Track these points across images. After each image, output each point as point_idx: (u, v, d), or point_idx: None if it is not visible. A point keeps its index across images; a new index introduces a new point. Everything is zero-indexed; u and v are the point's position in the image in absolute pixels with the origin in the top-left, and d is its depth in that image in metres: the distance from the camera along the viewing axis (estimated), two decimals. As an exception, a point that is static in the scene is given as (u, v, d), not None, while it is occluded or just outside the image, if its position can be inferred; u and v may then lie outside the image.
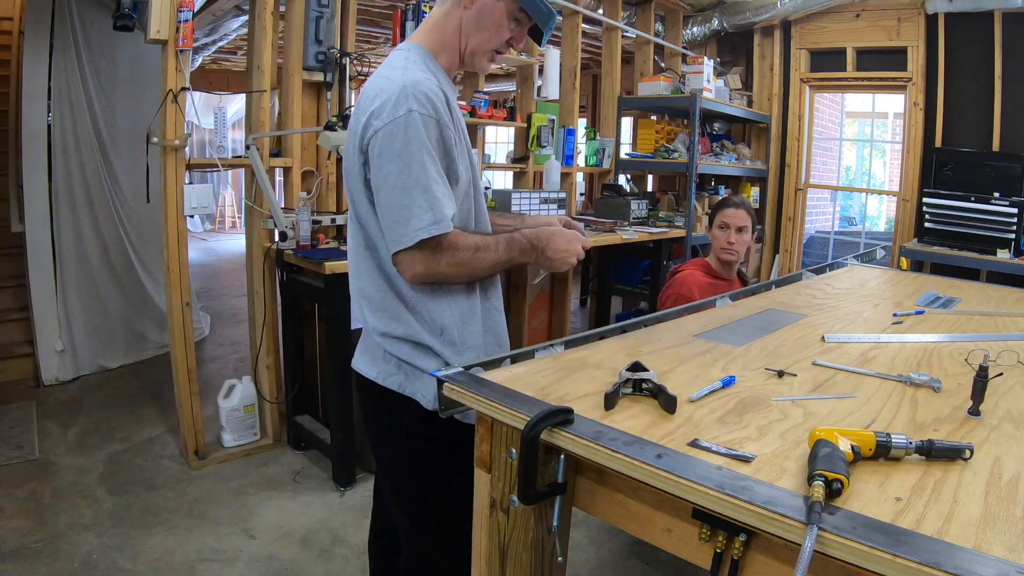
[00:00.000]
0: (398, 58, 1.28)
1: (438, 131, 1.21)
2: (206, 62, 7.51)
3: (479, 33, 1.30)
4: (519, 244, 1.30)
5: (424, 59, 1.30)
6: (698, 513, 0.82)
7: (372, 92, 1.23)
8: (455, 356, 1.31)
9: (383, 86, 1.21)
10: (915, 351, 1.35)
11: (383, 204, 1.21)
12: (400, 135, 1.17)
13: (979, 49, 4.22)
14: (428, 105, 1.19)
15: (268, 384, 3.01)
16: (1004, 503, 0.73)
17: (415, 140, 1.17)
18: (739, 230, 2.42)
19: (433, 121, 1.20)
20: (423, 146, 1.18)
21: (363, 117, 1.22)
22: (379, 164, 1.20)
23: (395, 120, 1.17)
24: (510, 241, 1.30)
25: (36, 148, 3.60)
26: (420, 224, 1.17)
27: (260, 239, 2.92)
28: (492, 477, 1.03)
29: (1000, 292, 2.09)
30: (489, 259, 1.27)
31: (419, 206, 1.17)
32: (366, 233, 1.31)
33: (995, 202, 3.96)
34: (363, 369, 1.39)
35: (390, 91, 1.19)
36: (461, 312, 1.33)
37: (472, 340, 1.34)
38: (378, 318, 1.32)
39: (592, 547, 2.37)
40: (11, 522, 2.33)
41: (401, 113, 1.17)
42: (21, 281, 3.77)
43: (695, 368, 1.19)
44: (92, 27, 3.70)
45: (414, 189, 1.17)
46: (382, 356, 1.35)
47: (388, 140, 1.18)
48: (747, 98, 5.10)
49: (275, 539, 2.34)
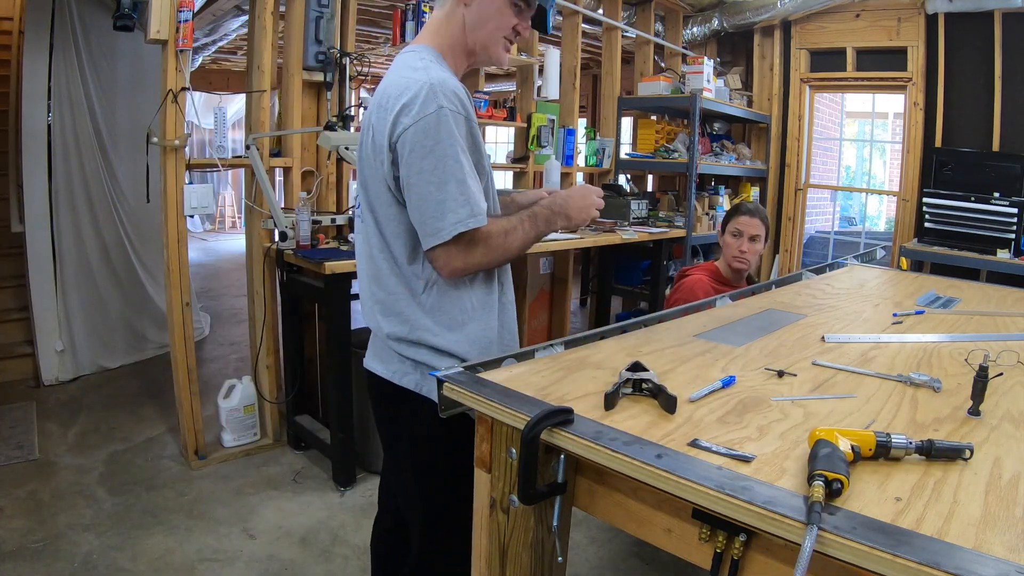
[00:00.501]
0: (413, 58, 1.28)
1: (467, 127, 1.22)
2: (206, 62, 7.52)
3: (484, 25, 1.31)
4: (543, 216, 1.33)
5: (437, 59, 1.31)
6: (698, 513, 0.82)
7: (396, 90, 1.22)
8: (472, 352, 1.31)
9: (408, 84, 1.21)
10: (915, 351, 1.35)
11: (417, 199, 1.21)
12: (433, 131, 1.18)
13: (979, 49, 4.22)
14: (457, 102, 1.20)
15: (268, 384, 3.01)
16: (1004, 503, 0.73)
17: (448, 136, 1.18)
18: (752, 239, 2.38)
19: (463, 118, 1.21)
20: (456, 141, 1.19)
21: (389, 115, 1.21)
22: (411, 160, 1.20)
23: (426, 117, 1.18)
24: (533, 216, 1.33)
25: (36, 148, 3.60)
26: (457, 218, 1.19)
27: (260, 239, 2.92)
28: (492, 477, 1.03)
29: (1000, 292, 2.09)
30: (519, 239, 1.30)
31: (454, 200, 1.18)
32: (382, 235, 1.30)
33: (995, 202, 3.96)
34: (377, 369, 1.39)
35: (417, 89, 1.19)
36: (478, 308, 1.33)
37: (488, 335, 1.35)
38: (392, 322, 1.32)
39: (592, 547, 2.37)
40: (11, 522, 2.33)
41: (432, 110, 1.18)
42: (21, 281, 3.77)
43: (695, 368, 1.19)
44: (92, 27, 3.70)
45: (449, 183, 1.18)
46: (397, 358, 1.35)
47: (421, 136, 1.18)
48: (747, 98, 5.10)
49: (275, 539, 2.34)
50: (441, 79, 1.21)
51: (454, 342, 1.31)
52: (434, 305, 1.30)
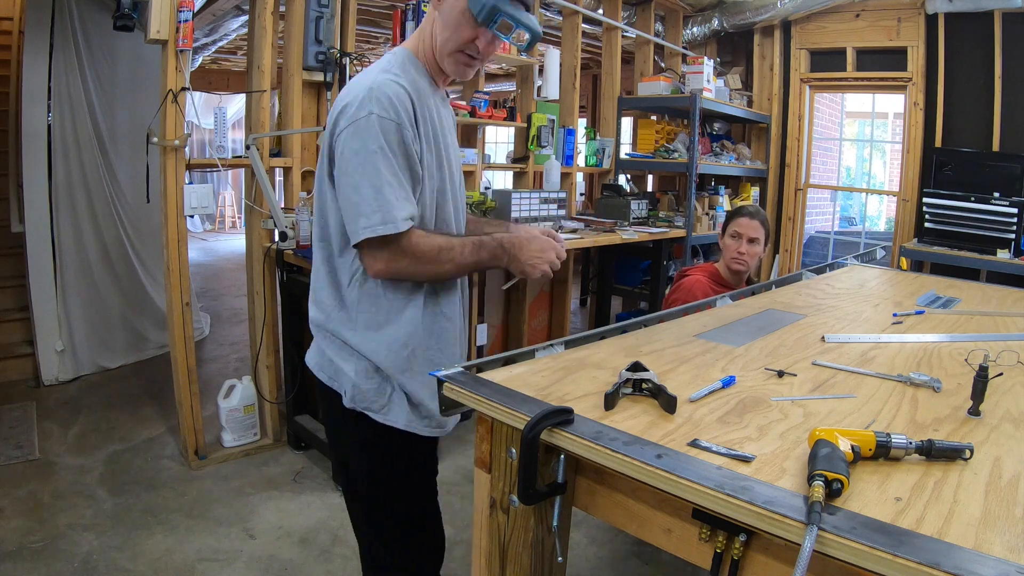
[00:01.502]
0: (383, 60, 1.31)
1: (398, 134, 1.21)
2: (206, 62, 7.52)
3: (443, 32, 1.28)
4: (488, 247, 1.30)
5: (405, 60, 1.31)
6: (698, 513, 0.82)
7: (346, 92, 1.26)
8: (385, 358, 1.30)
9: (353, 88, 1.24)
10: (915, 351, 1.35)
11: (341, 199, 1.25)
12: (360, 135, 1.20)
13: (979, 49, 4.22)
14: (390, 108, 1.20)
15: (268, 384, 3.01)
16: (1004, 503, 0.73)
17: (372, 142, 1.19)
18: (751, 241, 2.38)
19: (393, 124, 1.21)
20: (379, 148, 1.20)
21: (334, 115, 1.25)
22: (340, 162, 1.23)
23: (356, 122, 1.20)
24: (479, 244, 1.30)
25: (36, 148, 3.60)
26: (368, 223, 1.20)
27: (260, 239, 2.92)
28: (492, 477, 1.03)
29: (1000, 292, 2.09)
30: (454, 260, 1.27)
31: (367, 205, 1.20)
32: (323, 225, 1.33)
33: (995, 202, 3.96)
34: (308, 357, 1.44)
35: (356, 93, 1.22)
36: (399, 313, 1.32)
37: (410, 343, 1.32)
38: (315, 309, 1.37)
39: (592, 547, 2.37)
40: (11, 522, 2.33)
41: (363, 115, 1.19)
42: (21, 281, 3.77)
43: (695, 368, 1.19)
44: (92, 27, 3.70)
45: (364, 188, 1.20)
46: (316, 349, 1.40)
47: (348, 140, 1.21)
48: (747, 98, 5.10)
49: (275, 539, 2.34)
50: (380, 83, 1.21)
51: (366, 341, 1.31)
52: (355, 300, 1.31)
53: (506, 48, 3.63)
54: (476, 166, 3.81)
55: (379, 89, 1.20)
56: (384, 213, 1.20)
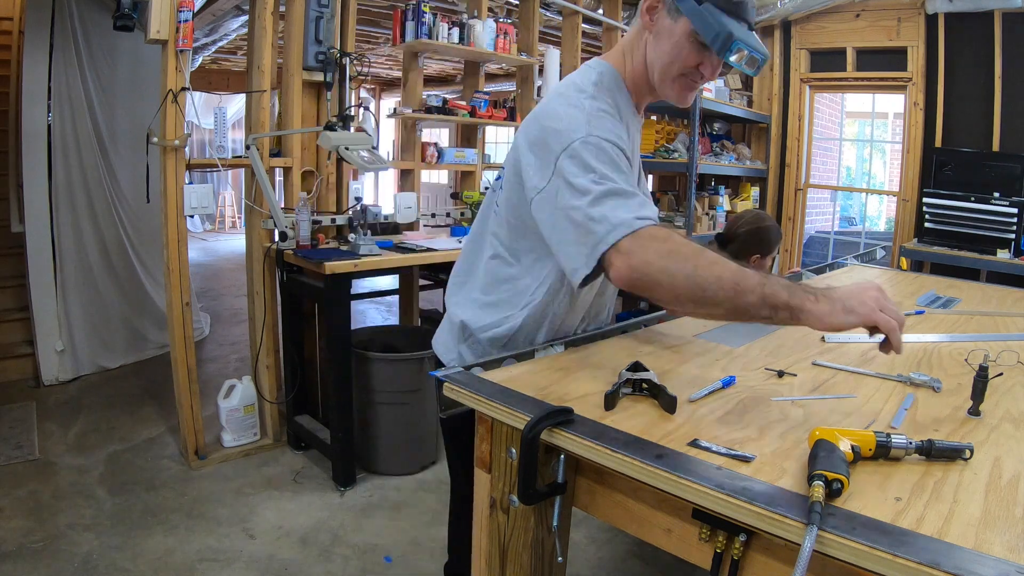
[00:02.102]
0: (587, 79, 1.21)
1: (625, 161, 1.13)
2: (206, 62, 7.52)
3: (662, 57, 1.19)
4: (791, 286, 0.96)
5: (613, 85, 1.23)
6: (698, 513, 0.82)
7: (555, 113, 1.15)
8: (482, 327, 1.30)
9: (569, 112, 1.14)
10: (915, 351, 1.35)
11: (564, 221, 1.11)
12: (591, 154, 1.08)
13: (979, 49, 4.22)
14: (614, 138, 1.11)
15: (268, 384, 3.01)
16: (1004, 503, 0.73)
17: (607, 158, 1.09)
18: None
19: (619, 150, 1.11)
20: (613, 164, 1.09)
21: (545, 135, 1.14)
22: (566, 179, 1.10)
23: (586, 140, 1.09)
24: (773, 279, 0.97)
25: (36, 148, 3.60)
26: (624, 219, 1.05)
27: (260, 239, 2.92)
28: (492, 477, 1.03)
29: (1000, 292, 2.09)
30: (720, 273, 0.96)
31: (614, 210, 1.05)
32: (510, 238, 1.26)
33: (995, 202, 3.96)
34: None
35: (574, 117, 1.12)
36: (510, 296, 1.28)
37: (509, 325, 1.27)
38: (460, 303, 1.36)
39: (592, 547, 2.37)
40: (11, 522, 2.33)
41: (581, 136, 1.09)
42: (21, 281, 3.77)
43: (695, 368, 1.19)
44: (92, 27, 3.70)
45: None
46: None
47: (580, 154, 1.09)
48: (747, 98, 5.10)
49: (275, 539, 2.34)
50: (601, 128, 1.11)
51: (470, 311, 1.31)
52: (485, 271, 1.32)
53: (506, 48, 3.63)
54: (476, 166, 3.81)
55: (599, 125, 1.11)
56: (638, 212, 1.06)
